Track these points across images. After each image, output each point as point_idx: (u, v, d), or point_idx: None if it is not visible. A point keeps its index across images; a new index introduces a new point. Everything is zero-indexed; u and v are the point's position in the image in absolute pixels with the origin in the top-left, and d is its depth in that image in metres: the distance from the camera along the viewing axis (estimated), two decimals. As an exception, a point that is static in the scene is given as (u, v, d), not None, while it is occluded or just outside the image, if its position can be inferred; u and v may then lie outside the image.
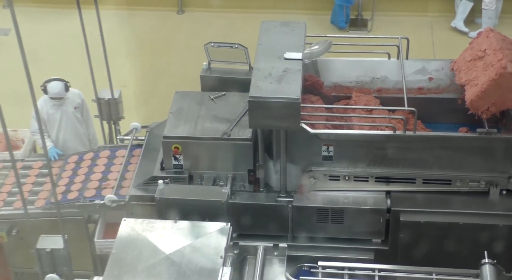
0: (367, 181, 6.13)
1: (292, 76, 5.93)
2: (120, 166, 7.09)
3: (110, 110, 7.90)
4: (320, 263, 5.45)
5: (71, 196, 6.84)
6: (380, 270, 5.39)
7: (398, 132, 5.89)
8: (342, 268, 5.41)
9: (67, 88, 7.65)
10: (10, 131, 6.36)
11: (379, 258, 6.04)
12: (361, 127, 6.07)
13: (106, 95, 7.85)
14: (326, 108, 6.40)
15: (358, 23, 12.02)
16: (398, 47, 6.71)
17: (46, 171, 7.38)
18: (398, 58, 6.74)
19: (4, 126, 5.49)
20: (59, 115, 7.73)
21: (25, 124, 8.07)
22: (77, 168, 7.23)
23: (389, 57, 6.81)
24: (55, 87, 7.55)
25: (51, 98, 7.61)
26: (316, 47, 6.37)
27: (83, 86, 8.18)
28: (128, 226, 5.34)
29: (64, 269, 6.11)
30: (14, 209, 6.94)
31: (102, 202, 6.64)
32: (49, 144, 7.54)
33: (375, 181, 6.13)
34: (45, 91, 7.59)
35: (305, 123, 5.90)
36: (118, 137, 7.77)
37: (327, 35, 6.94)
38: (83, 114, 7.91)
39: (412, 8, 12.16)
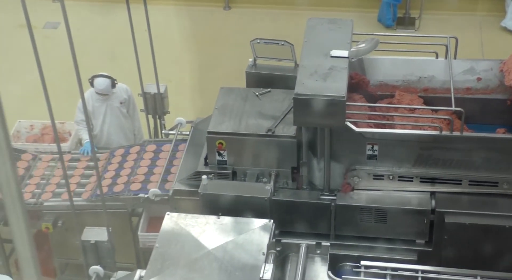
0: (412, 181, 6.07)
1: (338, 74, 5.90)
2: (165, 160, 7.15)
3: (156, 104, 7.97)
4: (362, 262, 5.42)
5: (117, 188, 6.91)
6: (423, 271, 5.34)
7: (444, 132, 5.81)
8: (385, 268, 5.38)
9: (113, 85, 7.74)
10: (57, 124, 6.44)
11: (422, 259, 5.97)
12: (404, 126, 6.01)
13: (152, 90, 7.92)
14: (369, 107, 6.35)
15: (405, 22, 11.90)
16: (446, 46, 6.62)
17: (93, 163, 7.47)
18: (446, 57, 6.66)
19: (52, 119, 5.57)
20: (104, 109, 7.82)
21: (72, 117, 8.19)
22: (123, 161, 7.31)
23: (437, 57, 6.73)
24: (101, 83, 7.65)
25: (97, 93, 7.72)
26: (363, 45, 6.32)
27: (129, 80, 8.26)
28: (172, 221, 5.37)
29: (108, 261, 6.18)
30: (62, 200, 7.04)
31: (146, 195, 6.70)
32: (87, 138, 7.63)
33: (420, 181, 6.06)
34: (92, 84, 7.69)
35: (350, 122, 5.86)
36: (163, 132, 7.83)
37: (374, 33, 6.89)
38: (129, 110, 7.99)
39: (461, 7, 12.00)
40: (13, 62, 10.64)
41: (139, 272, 5.35)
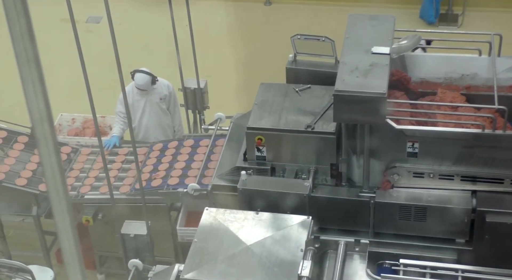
0: (453, 179, 6.00)
1: (379, 71, 5.85)
2: (203, 155, 7.17)
3: (196, 99, 8.00)
4: (401, 260, 5.39)
5: (155, 183, 6.96)
6: (463, 270, 5.28)
7: (487, 131, 5.73)
8: (424, 267, 5.33)
9: (153, 82, 7.78)
10: (98, 118, 6.50)
11: (462, 258, 5.89)
12: (446, 124, 5.94)
13: (192, 84, 7.95)
14: (410, 104, 6.29)
15: (448, 18, 11.76)
16: (490, 43, 6.52)
17: (131, 157, 7.53)
18: (489, 55, 6.56)
19: (93, 113, 5.63)
20: (143, 103, 7.87)
21: (113, 111, 8.27)
22: (162, 155, 7.35)
23: (480, 54, 6.63)
24: (141, 79, 7.69)
25: (137, 87, 7.77)
26: (405, 42, 6.27)
27: (169, 75, 8.31)
28: (210, 216, 5.39)
29: (147, 254, 6.23)
30: (100, 193, 7.12)
31: (185, 190, 6.73)
32: (115, 132, 7.74)
33: (461, 180, 5.99)
34: (133, 78, 7.75)
35: (390, 119, 5.82)
36: (202, 127, 7.86)
37: (416, 30, 6.82)
38: (169, 106, 8.01)
39: (506, 3, 11.81)
40: (55, 56, 10.76)
41: (177, 266, 5.39)
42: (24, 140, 7.75)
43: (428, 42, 7.46)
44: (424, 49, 7.38)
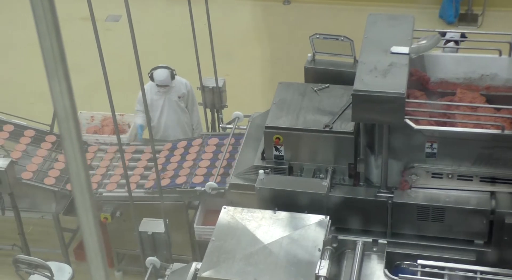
0: (471, 180, 5.97)
1: (398, 71, 5.83)
2: (221, 154, 7.18)
3: (214, 98, 8.01)
4: (419, 261, 5.36)
5: (179, 180, 6.99)
6: (482, 272, 5.25)
7: (506, 131, 5.69)
8: (442, 268, 5.30)
9: (173, 76, 7.79)
10: (117, 116, 6.52)
11: (480, 260, 5.86)
12: (465, 125, 5.91)
13: (211, 83, 7.96)
14: (430, 104, 6.26)
15: (468, 18, 11.69)
16: (510, 43, 6.49)
17: (138, 155, 7.58)
18: (510, 55, 6.52)
19: (112, 111, 5.66)
20: (162, 102, 7.88)
21: (131, 109, 8.31)
22: (185, 153, 7.38)
23: (500, 54, 6.59)
24: (161, 74, 7.71)
25: (157, 85, 7.78)
26: (424, 41, 6.24)
27: (188, 73, 8.32)
28: (228, 214, 5.39)
29: (164, 252, 6.25)
30: (121, 191, 7.15)
31: (202, 188, 6.74)
32: (140, 121, 7.87)
33: (480, 181, 5.96)
34: (151, 78, 7.76)
35: (409, 119, 5.80)
36: (220, 125, 7.87)
37: (436, 30, 6.79)
38: (188, 104, 8.03)
39: (526, 3, 11.73)
40: (74, 54, 10.82)
41: (194, 265, 5.40)
42: (31, 134, 7.79)
43: (463, 36, 7.42)
44: (457, 42, 7.33)
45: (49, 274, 6.45)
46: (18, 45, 11.60)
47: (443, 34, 7.30)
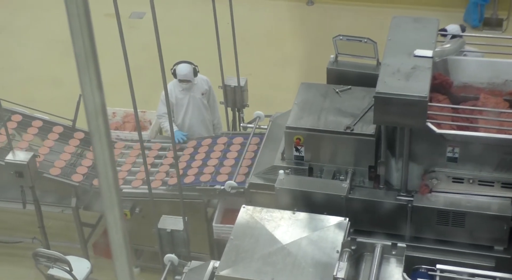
0: (493, 185, 5.93)
1: (421, 74, 5.81)
2: (238, 153, 7.19)
3: (235, 97, 8.01)
4: (438, 266, 5.33)
5: (187, 180, 7.00)
6: (501, 278, 5.21)
7: (529, 137, 5.65)
8: (461, 273, 5.27)
9: (195, 72, 7.76)
10: (138, 112, 6.54)
11: (500, 266, 5.82)
12: (488, 130, 5.87)
13: (233, 82, 7.96)
14: (452, 108, 6.22)
15: (492, 23, 11.60)
16: (536, 49, 6.44)
17: (163, 153, 7.60)
18: (534, 60, 6.47)
19: (135, 108, 5.68)
20: (187, 100, 7.86)
21: (153, 106, 8.33)
22: (195, 153, 7.39)
23: (525, 59, 6.54)
24: (183, 69, 7.65)
25: (180, 81, 7.70)
26: (448, 45, 6.21)
27: (210, 72, 8.33)
28: (247, 213, 5.39)
29: (182, 250, 6.26)
30: (140, 188, 7.18)
31: (222, 187, 6.75)
32: (174, 128, 7.67)
33: (501, 187, 5.91)
34: (174, 75, 7.75)
35: (431, 123, 5.77)
36: (241, 124, 7.87)
37: (460, 34, 6.75)
38: (209, 101, 8.04)
39: (552, 8, 11.62)
40: (98, 51, 10.87)
41: (212, 263, 5.41)
42: (59, 130, 7.84)
43: (463, 29, 7.32)
44: (457, 36, 7.20)
45: (68, 268, 6.49)
46: (43, 40, 11.69)
47: (444, 29, 7.24)
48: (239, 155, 7.16)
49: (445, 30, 7.17)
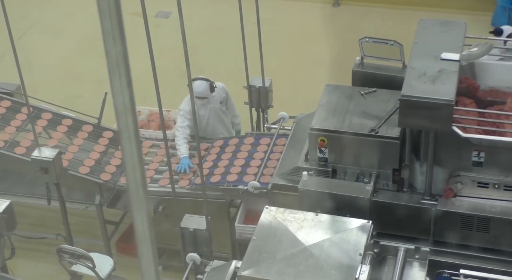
0: (519, 191, 5.88)
1: (448, 77, 5.77)
2: (263, 153, 7.19)
3: (260, 98, 8.01)
4: (462, 271, 5.30)
5: (214, 179, 7.01)
6: (525, 285, 5.17)
7: (556, 143, 5.59)
8: (485, 279, 5.23)
9: (212, 88, 7.52)
10: (163, 111, 6.56)
11: (525, 272, 5.78)
12: (514, 135, 5.81)
13: (257, 83, 7.96)
14: (478, 112, 6.18)
15: (520, 26, 11.50)
16: None
17: (192, 152, 7.59)
18: None
19: (160, 107, 5.70)
20: (208, 113, 7.70)
21: (177, 105, 8.36)
22: (221, 152, 7.40)
23: (554, 64, 6.48)
24: (198, 85, 7.40)
25: (197, 97, 7.38)
26: (475, 49, 6.16)
27: (234, 72, 8.35)
28: (270, 214, 5.39)
29: (205, 249, 6.27)
30: (164, 186, 7.21)
31: (245, 187, 6.75)
32: (184, 153, 7.35)
33: (527, 192, 5.87)
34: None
35: (457, 126, 5.73)
36: (265, 125, 7.86)
37: (488, 38, 6.70)
38: (227, 105, 7.98)
39: None
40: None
41: (234, 263, 5.41)
42: (89, 129, 7.90)
43: None
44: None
45: (91, 265, 6.53)
46: (71, 35, 11.78)
47: (500, 31, 7.17)
48: (268, 155, 7.15)
49: (500, 30, 7.11)
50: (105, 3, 1.46)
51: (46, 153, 6.89)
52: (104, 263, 6.73)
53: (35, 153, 6.89)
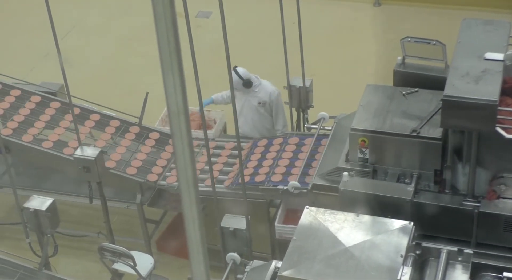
0: None
1: (491, 78, 5.70)
2: (306, 154, 7.17)
3: (300, 98, 7.99)
4: (505, 274, 5.23)
5: (258, 178, 7.02)
6: None
7: None
8: (528, 282, 5.16)
9: (246, 85, 7.85)
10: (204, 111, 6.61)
11: None
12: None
13: (298, 83, 7.94)
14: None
15: None
16: None
17: (236, 152, 7.62)
18: None
19: (200, 106, 5.73)
20: (243, 101, 7.85)
21: (217, 105, 8.40)
22: (266, 152, 7.40)
23: None
24: (240, 72, 7.76)
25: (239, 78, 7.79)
26: (520, 48, 6.08)
27: (275, 72, 8.33)
28: (310, 215, 5.38)
29: (245, 249, 6.27)
30: (204, 186, 7.23)
31: (285, 187, 6.75)
32: (214, 96, 8.11)
33: None
34: (235, 71, 7.79)
35: (500, 127, 5.66)
36: (305, 125, 7.85)
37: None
38: (272, 111, 8.00)
39: None
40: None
41: (274, 263, 5.41)
42: (136, 130, 7.97)
43: None
44: None
45: (131, 263, 6.58)
46: (113, 37, 11.89)
47: None
48: (311, 155, 7.13)
49: None
50: (160, 5, 1.48)
51: (89, 151, 6.97)
52: (144, 261, 6.78)
53: (78, 152, 6.98)
